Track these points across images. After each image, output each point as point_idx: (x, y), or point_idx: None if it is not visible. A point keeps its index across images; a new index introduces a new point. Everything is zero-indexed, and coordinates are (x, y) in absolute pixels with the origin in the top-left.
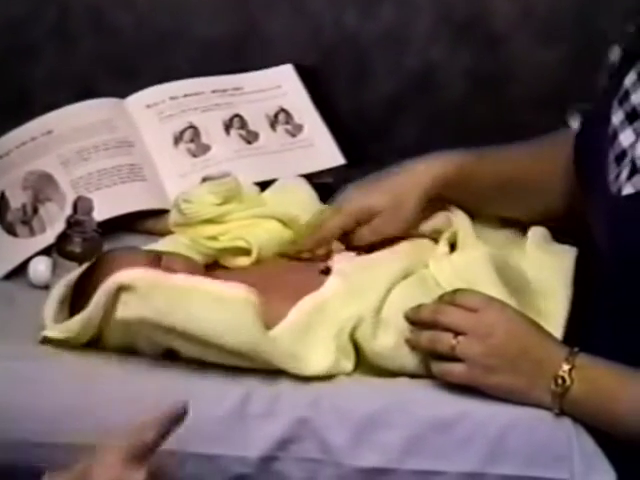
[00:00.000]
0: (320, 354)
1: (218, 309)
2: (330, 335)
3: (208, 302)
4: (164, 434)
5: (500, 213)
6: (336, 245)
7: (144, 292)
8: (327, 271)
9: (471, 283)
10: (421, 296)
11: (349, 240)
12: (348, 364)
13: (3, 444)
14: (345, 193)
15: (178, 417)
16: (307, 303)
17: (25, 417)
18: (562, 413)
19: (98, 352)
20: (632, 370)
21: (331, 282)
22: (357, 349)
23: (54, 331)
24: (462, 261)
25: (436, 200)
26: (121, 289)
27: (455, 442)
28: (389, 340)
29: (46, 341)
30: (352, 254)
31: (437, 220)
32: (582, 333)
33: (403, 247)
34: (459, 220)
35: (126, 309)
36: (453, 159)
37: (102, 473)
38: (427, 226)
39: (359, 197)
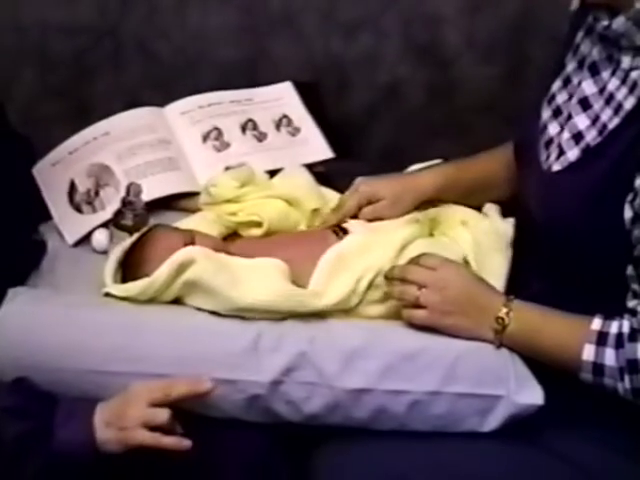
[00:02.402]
0: (335, 291)
1: (254, 271)
2: (350, 279)
3: (246, 268)
4: (185, 399)
5: (470, 204)
6: None
7: (200, 261)
8: (339, 232)
9: (482, 246)
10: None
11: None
12: (355, 299)
13: (71, 373)
14: (360, 180)
15: (203, 392)
16: (331, 254)
17: (87, 351)
18: (501, 345)
19: (145, 303)
20: (555, 311)
21: (350, 238)
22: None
23: (117, 290)
24: (478, 230)
25: (429, 202)
26: (184, 263)
27: (419, 368)
28: None
29: (107, 295)
30: (363, 221)
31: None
32: (519, 283)
33: (405, 220)
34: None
35: (188, 273)
36: (444, 171)
37: (134, 409)
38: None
39: (372, 183)
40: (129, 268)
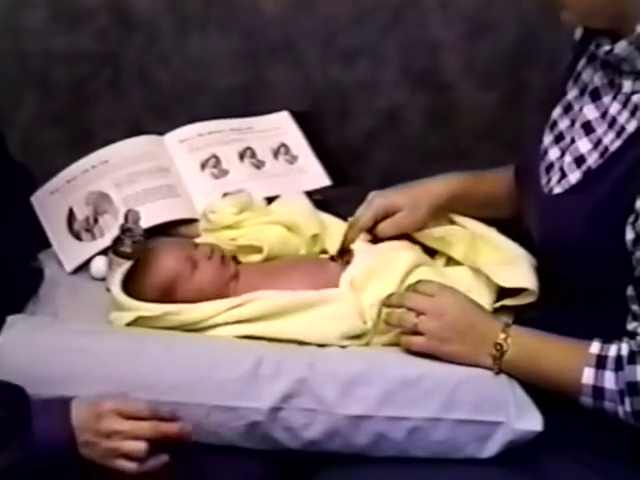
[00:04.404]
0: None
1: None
2: (363, 307)
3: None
4: (149, 419)
5: (481, 216)
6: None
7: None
8: (338, 258)
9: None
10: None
11: (375, 232)
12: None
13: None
14: (374, 194)
15: (170, 417)
16: (346, 277)
17: (86, 378)
18: (500, 372)
19: (145, 330)
20: (553, 336)
21: (358, 262)
22: None
23: (150, 311)
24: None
25: (443, 211)
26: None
27: (418, 395)
28: None
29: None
30: (367, 243)
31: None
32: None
33: (404, 243)
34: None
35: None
36: (458, 179)
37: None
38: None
39: (387, 195)
40: (131, 283)
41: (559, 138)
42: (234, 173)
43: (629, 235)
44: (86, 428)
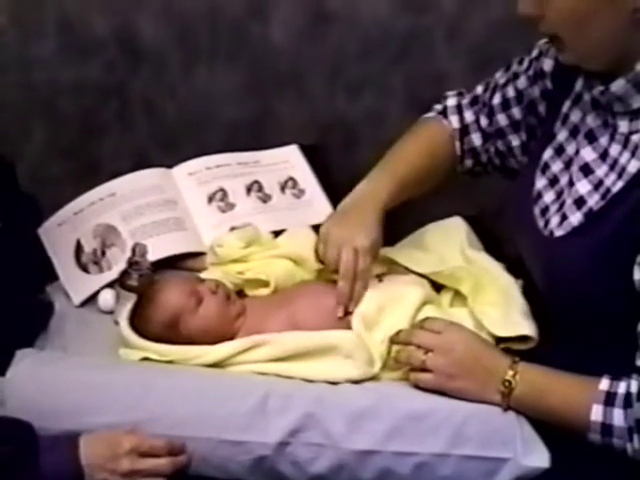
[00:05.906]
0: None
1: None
2: (375, 346)
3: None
4: (163, 455)
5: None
6: None
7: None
8: None
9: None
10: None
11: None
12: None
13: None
14: (364, 245)
15: (181, 450)
16: (358, 316)
17: (95, 412)
18: (508, 408)
19: (153, 363)
20: (561, 372)
21: (368, 298)
22: None
23: (157, 354)
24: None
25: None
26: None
27: (426, 430)
28: None
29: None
30: (373, 278)
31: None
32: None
33: (412, 278)
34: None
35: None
36: (384, 191)
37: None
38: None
39: (373, 241)
40: (137, 317)
41: (554, 182)
42: (241, 207)
43: (637, 275)
44: (101, 467)
